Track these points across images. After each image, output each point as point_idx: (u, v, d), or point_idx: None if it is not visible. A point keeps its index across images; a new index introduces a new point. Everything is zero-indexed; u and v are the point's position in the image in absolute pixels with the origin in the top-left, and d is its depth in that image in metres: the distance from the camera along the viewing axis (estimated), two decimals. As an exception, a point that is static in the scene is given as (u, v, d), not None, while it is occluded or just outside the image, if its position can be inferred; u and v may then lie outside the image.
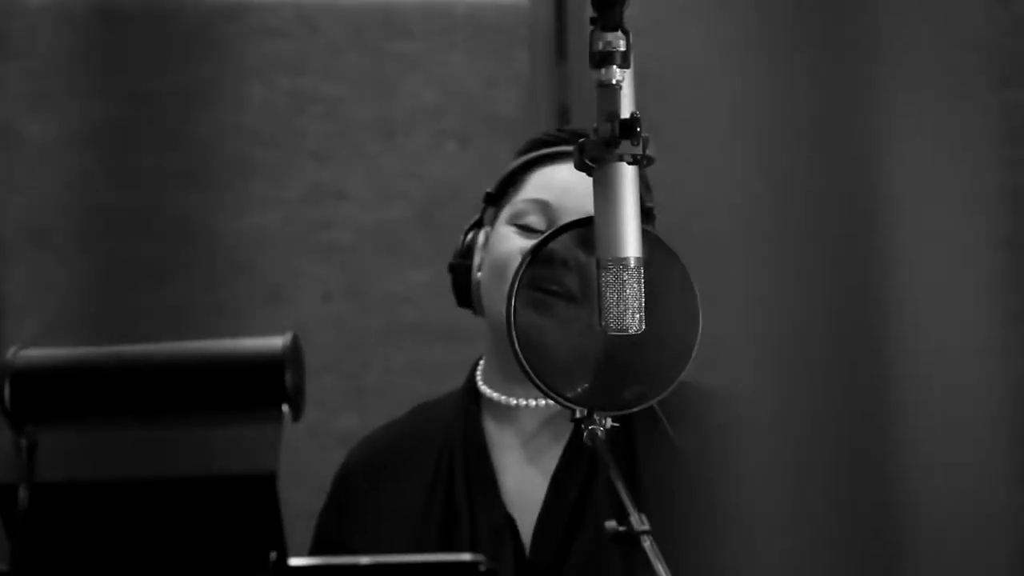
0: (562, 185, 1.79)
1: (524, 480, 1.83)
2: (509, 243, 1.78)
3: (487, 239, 1.85)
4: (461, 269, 1.84)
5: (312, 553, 1.95)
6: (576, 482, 1.79)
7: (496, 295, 1.75)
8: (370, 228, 2.86)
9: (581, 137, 1.83)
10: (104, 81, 2.81)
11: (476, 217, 1.88)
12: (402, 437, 1.95)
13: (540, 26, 2.94)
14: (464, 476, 1.83)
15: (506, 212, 1.82)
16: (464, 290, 1.84)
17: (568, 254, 1.63)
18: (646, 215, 1.65)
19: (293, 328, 1.23)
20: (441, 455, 1.85)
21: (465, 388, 1.91)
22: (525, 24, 2.93)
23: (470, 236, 1.86)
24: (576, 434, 1.76)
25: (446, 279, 2.80)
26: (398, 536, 1.81)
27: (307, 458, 2.41)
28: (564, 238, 1.62)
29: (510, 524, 1.79)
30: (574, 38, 2.93)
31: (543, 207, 1.78)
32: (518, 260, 1.67)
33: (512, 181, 1.86)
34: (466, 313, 1.94)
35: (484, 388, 1.87)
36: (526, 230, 1.77)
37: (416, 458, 1.88)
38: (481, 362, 1.91)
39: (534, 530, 1.78)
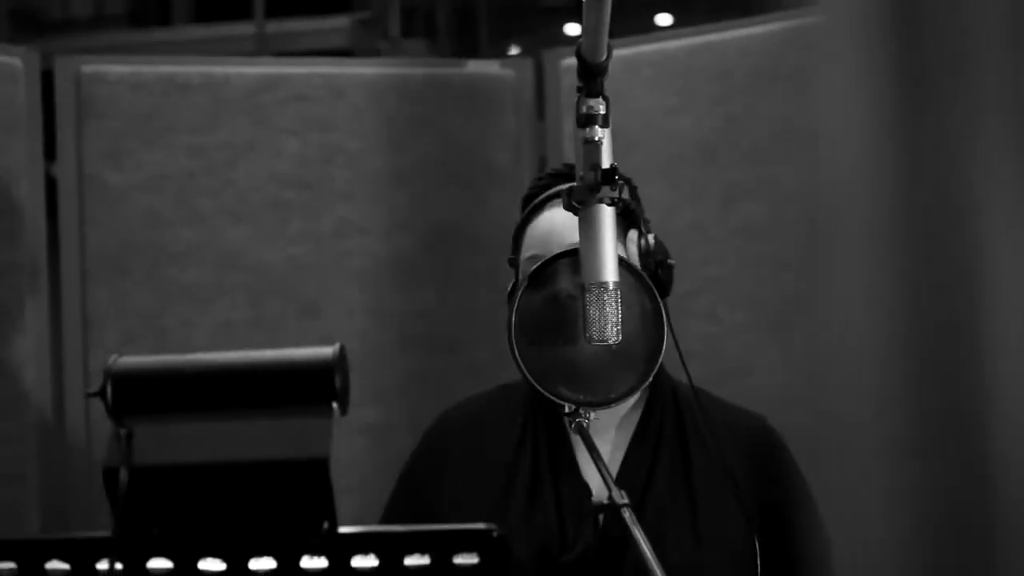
0: (543, 237, 1.83)
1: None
2: None
3: None
4: None
5: (396, 493, 1.98)
6: (647, 459, 1.79)
7: None
8: (386, 256, 2.85)
9: (558, 175, 1.86)
10: (169, 137, 2.80)
11: (512, 281, 1.89)
12: (492, 406, 1.98)
13: (523, 93, 2.94)
14: (547, 448, 1.84)
15: (520, 275, 1.86)
16: None
17: (572, 288, 1.65)
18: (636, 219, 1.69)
19: (323, 339, 1.23)
20: (526, 427, 1.87)
21: None
22: (511, 91, 2.93)
23: (511, 288, 1.86)
24: (643, 422, 1.79)
25: (450, 298, 2.81)
26: (485, 484, 1.84)
27: (335, 444, 2.41)
28: (566, 276, 1.64)
29: (586, 491, 1.79)
30: (551, 103, 2.94)
31: (535, 261, 1.79)
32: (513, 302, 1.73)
33: (517, 245, 1.90)
34: (465, 326, 1.96)
35: None
36: None
37: (504, 424, 1.90)
38: None
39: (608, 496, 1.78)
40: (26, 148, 2.71)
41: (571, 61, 2.85)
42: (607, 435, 1.84)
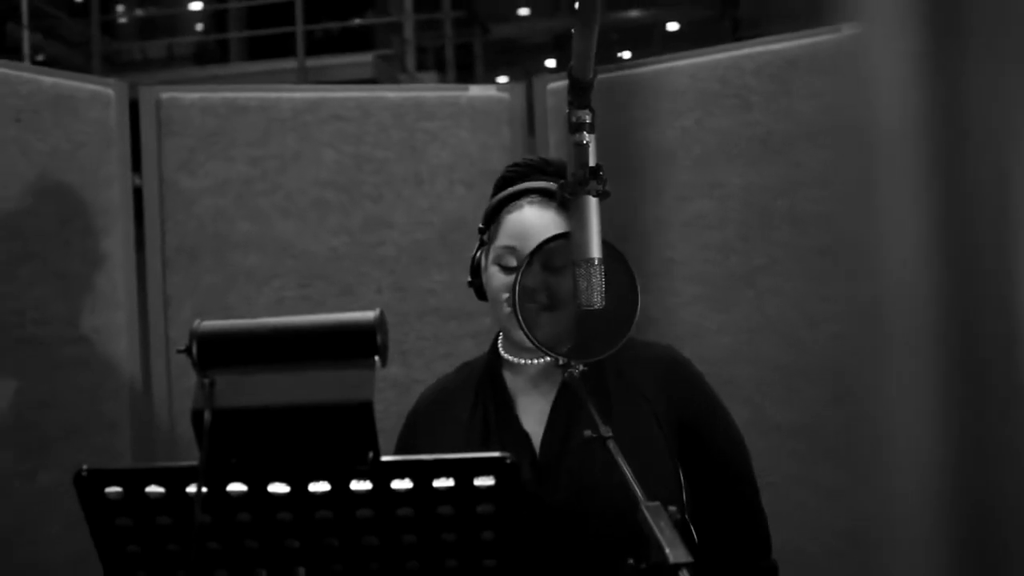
0: (525, 229, 1.81)
1: (531, 409, 1.84)
2: (496, 281, 1.82)
3: (486, 263, 1.86)
4: (476, 284, 1.88)
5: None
6: (568, 409, 1.79)
7: (495, 308, 1.84)
8: (407, 245, 2.85)
9: (530, 164, 1.87)
10: (231, 150, 2.80)
11: (477, 244, 1.91)
12: (452, 383, 1.99)
13: (516, 111, 2.94)
14: (494, 406, 1.85)
15: (492, 254, 1.86)
16: (482, 295, 1.88)
17: (543, 282, 1.65)
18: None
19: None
20: (478, 394, 1.89)
21: (490, 353, 1.95)
22: (507, 110, 2.92)
23: (477, 258, 1.89)
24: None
25: (460, 278, 2.79)
26: (450, 442, 1.83)
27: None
28: (540, 273, 1.64)
29: (525, 437, 1.80)
30: (538, 119, 2.93)
31: (512, 251, 1.80)
32: (504, 294, 1.75)
33: (492, 219, 1.89)
34: (470, 299, 1.96)
35: (503, 353, 1.91)
36: (505, 268, 1.80)
37: (461, 396, 1.92)
38: (500, 336, 1.93)
39: (542, 440, 1.80)
40: (117, 160, 2.71)
41: (555, 85, 2.87)
42: (535, 384, 1.87)
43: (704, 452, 1.87)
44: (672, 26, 13.98)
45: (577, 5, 1.30)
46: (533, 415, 1.83)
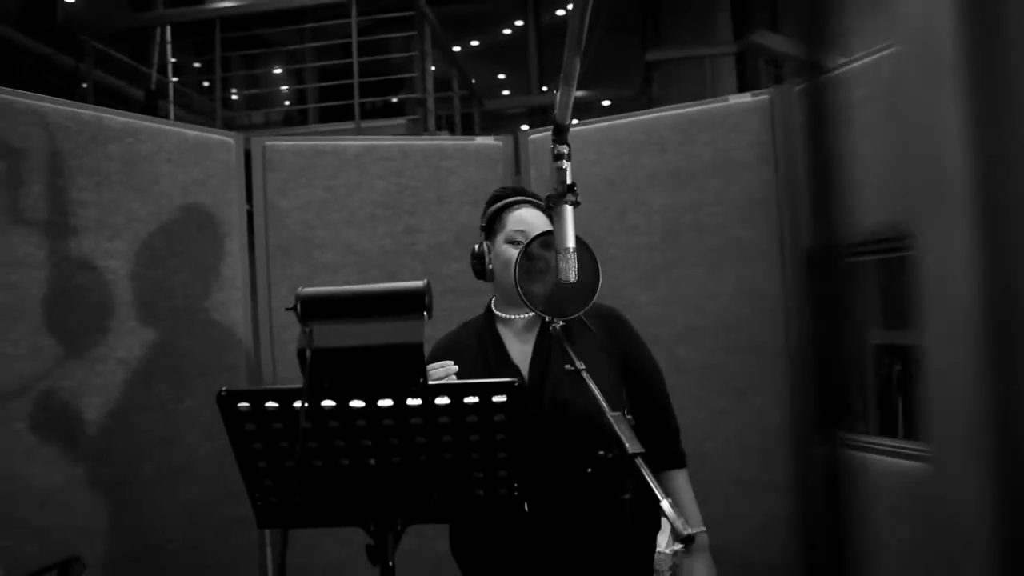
0: (527, 221, 1.80)
1: (519, 351, 1.79)
2: (510, 252, 1.77)
3: (489, 250, 1.81)
4: (479, 265, 1.81)
5: None
6: (545, 349, 1.76)
7: (504, 274, 1.77)
8: (434, 245, 2.82)
9: (511, 188, 1.85)
10: (313, 181, 2.76)
11: (479, 239, 1.86)
12: (457, 336, 1.92)
13: (507, 155, 2.90)
14: (493, 350, 1.80)
15: (502, 236, 1.82)
16: (481, 273, 1.82)
17: (542, 253, 1.62)
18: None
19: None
20: (478, 342, 1.83)
21: (486, 312, 1.91)
22: (500, 153, 2.89)
23: (478, 248, 1.83)
24: (544, 328, 1.75)
25: (468, 268, 2.76)
26: (460, 375, 1.80)
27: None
28: (539, 248, 1.61)
29: (516, 368, 1.76)
30: (523, 161, 2.90)
31: (522, 232, 1.77)
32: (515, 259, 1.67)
33: (496, 219, 1.85)
34: (478, 284, 1.92)
35: (496, 311, 1.86)
36: (516, 244, 1.77)
37: (465, 344, 1.86)
38: (493, 299, 1.88)
39: (528, 370, 1.75)
40: (236, 190, 2.67)
41: (533, 137, 2.83)
42: (521, 333, 1.83)
43: (637, 375, 1.84)
44: (606, 102, 14.01)
45: (563, 71, 1.27)
46: (519, 353, 1.80)
